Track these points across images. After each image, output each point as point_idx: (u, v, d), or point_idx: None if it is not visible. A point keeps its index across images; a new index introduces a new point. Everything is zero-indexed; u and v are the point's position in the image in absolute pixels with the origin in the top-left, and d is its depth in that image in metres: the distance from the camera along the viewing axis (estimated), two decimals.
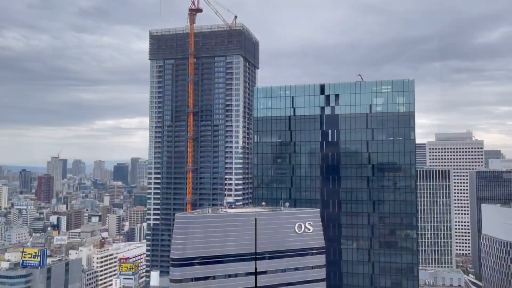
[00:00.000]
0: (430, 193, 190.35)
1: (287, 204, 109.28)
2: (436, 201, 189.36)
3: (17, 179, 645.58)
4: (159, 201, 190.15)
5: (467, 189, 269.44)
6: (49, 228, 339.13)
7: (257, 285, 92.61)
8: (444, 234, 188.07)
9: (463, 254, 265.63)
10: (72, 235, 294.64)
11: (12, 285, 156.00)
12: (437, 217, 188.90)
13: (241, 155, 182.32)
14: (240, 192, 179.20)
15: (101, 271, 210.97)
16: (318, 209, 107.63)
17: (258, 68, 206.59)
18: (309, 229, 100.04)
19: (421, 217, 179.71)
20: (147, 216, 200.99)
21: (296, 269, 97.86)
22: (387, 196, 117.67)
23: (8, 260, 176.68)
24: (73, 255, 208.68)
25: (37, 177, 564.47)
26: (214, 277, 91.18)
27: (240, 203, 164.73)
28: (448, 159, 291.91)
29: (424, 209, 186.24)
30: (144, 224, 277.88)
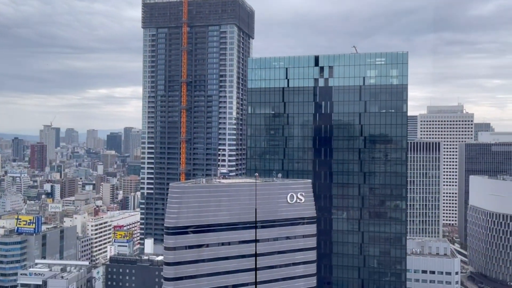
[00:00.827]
0: (420, 165, 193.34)
1: (279, 175, 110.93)
2: (426, 173, 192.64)
3: (10, 147, 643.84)
4: (152, 171, 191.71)
5: (456, 161, 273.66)
6: (43, 196, 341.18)
7: (249, 254, 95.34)
8: (432, 205, 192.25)
9: (449, 224, 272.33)
10: (66, 203, 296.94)
11: (7, 251, 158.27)
12: (426, 189, 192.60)
13: (234, 126, 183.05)
14: (233, 163, 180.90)
15: (96, 238, 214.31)
16: (310, 180, 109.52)
17: (253, 38, 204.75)
18: (301, 200, 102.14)
19: (410, 188, 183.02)
20: (141, 185, 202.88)
21: (287, 237, 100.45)
22: (378, 168, 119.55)
23: (3, 227, 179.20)
24: (67, 222, 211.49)
25: (30, 145, 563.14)
26: (207, 245, 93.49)
27: (234, 173, 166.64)
28: (438, 131, 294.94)
29: (413, 180, 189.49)
30: (138, 193, 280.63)
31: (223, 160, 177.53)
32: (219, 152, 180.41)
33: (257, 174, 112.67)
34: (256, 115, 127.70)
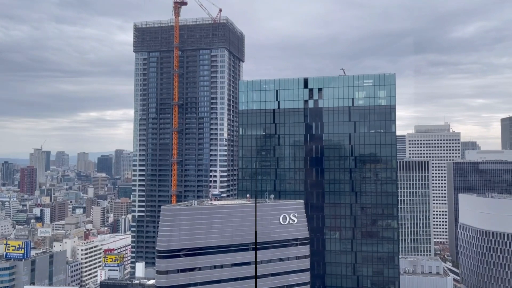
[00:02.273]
0: (409, 184, 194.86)
1: (271, 196, 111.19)
2: (415, 192, 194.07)
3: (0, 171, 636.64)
4: (144, 193, 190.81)
5: (445, 180, 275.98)
6: (32, 220, 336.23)
7: (242, 276, 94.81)
8: (422, 223, 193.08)
9: (441, 242, 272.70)
10: (56, 227, 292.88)
11: None
12: (416, 207, 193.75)
13: (225, 148, 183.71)
14: (225, 184, 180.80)
15: (86, 262, 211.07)
16: (302, 201, 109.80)
17: (243, 61, 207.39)
18: (294, 221, 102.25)
19: (400, 207, 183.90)
20: (132, 208, 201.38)
21: (281, 259, 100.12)
22: (369, 187, 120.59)
23: None
24: (57, 247, 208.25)
25: (20, 169, 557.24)
26: (199, 268, 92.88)
27: (225, 195, 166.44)
28: (426, 150, 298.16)
29: (403, 199, 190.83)
30: (129, 216, 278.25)
31: (215, 182, 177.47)
32: (211, 174, 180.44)
33: (248, 195, 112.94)
34: (248, 136, 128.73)
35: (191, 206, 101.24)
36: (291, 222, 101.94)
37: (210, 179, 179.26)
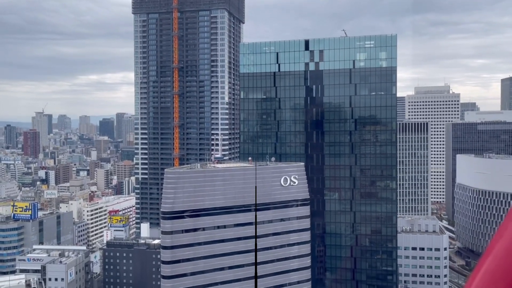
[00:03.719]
0: (408, 145, 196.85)
1: (273, 158, 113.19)
2: (414, 153, 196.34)
3: (2, 134, 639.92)
4: (146, 156, 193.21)
5: (443, 141, 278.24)
6: (38, 183, 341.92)
7: (244, 236, 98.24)
8: (420, 184, 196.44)
9: (437, 202, 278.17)
10: (61, 189, 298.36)
11: (4, 237, 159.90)
12: (414, 168, 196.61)
13: (227, 111, 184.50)
14: (227, 147, 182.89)
15: (92, 223, 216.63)
16: (303, 163, 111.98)
17: (243, 23, 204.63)
18: (294, 182, 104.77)
19: (399, 168, 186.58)
20: (135, 170, 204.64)
21: (282, 219, 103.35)
22: (369, 149, 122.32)
23: (0, 214, 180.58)
24: (63, 208, 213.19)
25: (23, 132, 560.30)
26: (203, 229, 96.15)
27: (227, 158, 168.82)
28: (426, 112, 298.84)
29: (402, 160, 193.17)
30: (132, 178, 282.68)
31: (217, 145, 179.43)
32: (212, 137, 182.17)
33: (250, 158, 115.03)
34: (249, 100, 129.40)
35: (194, 169, 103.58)
36: (291, 184, 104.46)
37: (212, 142, 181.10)
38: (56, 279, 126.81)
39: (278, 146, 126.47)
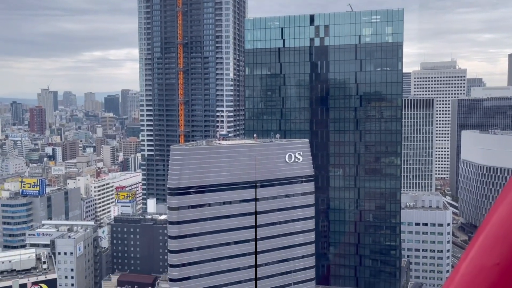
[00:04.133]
0: (413, 121, 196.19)
1: (277, 135, 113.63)
2: (419, 129, 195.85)
3: (9, 111, 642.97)
4: (152, 133, 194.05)
5: (449, 117, 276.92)
6: (45, 159, 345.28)
7: (250, 212, 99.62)
8: (425, 160, 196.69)
9: (441, 178, 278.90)
10: (68, 165, 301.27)
11: (14, 213, 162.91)
12: (419, 144, 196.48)
13: (232, 88, 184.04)
14: (232, 124, 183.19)
15: (99, 199, 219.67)
16: (307, 140, 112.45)
17: None
18: (299, 159, 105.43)
19: (404, 145, 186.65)
20: (141, 147, 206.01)
21: (286, 196, 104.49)
22: (373, 125, 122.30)
23: (8, 190, 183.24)
24: (71, 184, 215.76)
25: (29, 109, 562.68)
26: (209, 205, 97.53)
27: (232, 135, 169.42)
28: (432, 88, 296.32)
29: (407, 136, 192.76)
30: (138, 155, 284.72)
31: (222, 122, 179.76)
32: (218, 114, 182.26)
33: (255, 135, 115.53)
34: (254, 76, 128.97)
35: (200, 146, 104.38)
36: (296, 160, 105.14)
37: (217, 119, 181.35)
38: (65, 253, 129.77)
39: (282, 123, 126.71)
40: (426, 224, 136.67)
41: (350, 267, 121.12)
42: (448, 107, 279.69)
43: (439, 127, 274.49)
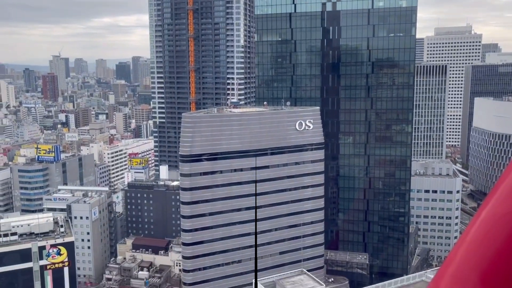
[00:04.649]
0: (425, 88, 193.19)
1: (288, 103, 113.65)
2: (431, 96, 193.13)
3: (22, 78, 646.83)
4: (163, 100, 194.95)
5: (462, 84, 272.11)
6: (59, 126, 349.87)
7: (260, 179, 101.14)
8: (436, 127, 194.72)
9: (452, 145, 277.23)
10: (81, 132, 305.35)
11: (31, 178, 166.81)
12: (430, 112, 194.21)
13: (242, 55, 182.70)
14: (242, 92, 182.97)
15: (113, 165, 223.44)
16: (318, 107, 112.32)
17: None
18: (309, 126, 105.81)
19: (415, 112, 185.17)
20: (153, 114, 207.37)
21: (296, 163, 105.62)
22: (385, 92, 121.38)
23: (24, 156, 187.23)
24: (84, 151, 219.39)
25: (41, 76, 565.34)
26: (221, 172, 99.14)
27: (243, 102, 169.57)
28: (445, 53, 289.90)
29: (419, 104, 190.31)
30: (150, 122, 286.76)
31: (232, 89, 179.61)
32: (228, 81, 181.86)
33: (265, 103, 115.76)
34: (264, 42, 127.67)
35: (211, 114, 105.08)
36: (306, 128, 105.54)
37: (228, 86, 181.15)
38: (81, 218, 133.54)
39: (293, 90, 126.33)
40: (435, 192, 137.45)
41: (359, 233, 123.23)
42: (462, 74, 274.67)
43: (452, 94, 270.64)
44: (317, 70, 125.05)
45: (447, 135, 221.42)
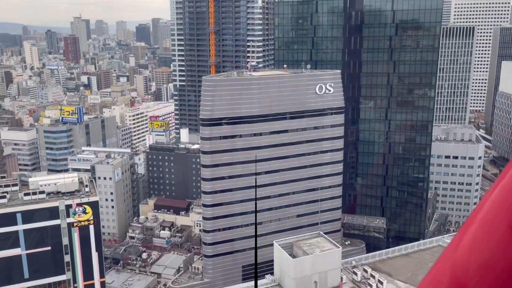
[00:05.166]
0: (451, 51, 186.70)
1: (308, 66, 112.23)
2: (457, 60, 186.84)
3: (44, 40, 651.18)
4: (183, 63, 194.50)
5: (489, 47, 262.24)
6: (81, 88, 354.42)
7: (280, 143, 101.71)
8: (460, 92, 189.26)
9: (476, 111, 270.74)
10: (103, 94, 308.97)
11: (55, 139, 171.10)
12: (455, 75, 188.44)
13: (261, 16, 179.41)
14: (261, 54, 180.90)
15: (134, 128, 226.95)
16: (339, 71, 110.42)
17: None
18: (330, 90, 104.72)
19: (439, 76, 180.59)
20: (173, 77, 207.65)
21: (315, 128, 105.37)
22: (409, 56, 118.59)
23: (49, 117, 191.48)
24: (106, 113, 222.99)
25: (63, 37, 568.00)
26: (240, 136, 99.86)
27: (262, 65, 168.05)
28: (473, 15, 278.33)
29: (443, 67, 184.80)
30: (170, 85, 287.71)
31: (252, 52, 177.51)
32: (248, 44, 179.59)
33: (285, 66, 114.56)
34: (284, 3, 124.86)
35: (231, 77, 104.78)
36: (327, 92, 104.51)
37: (248, 49, 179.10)
38: (104, 178, 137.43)
39: (314, 53, 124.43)
40: (456, 157, 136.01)
41: (377, 198, 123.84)
42: (490, 36, 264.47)
43: (478, 57, 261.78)
44: (339, 32, 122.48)
45: (471, 99, 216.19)
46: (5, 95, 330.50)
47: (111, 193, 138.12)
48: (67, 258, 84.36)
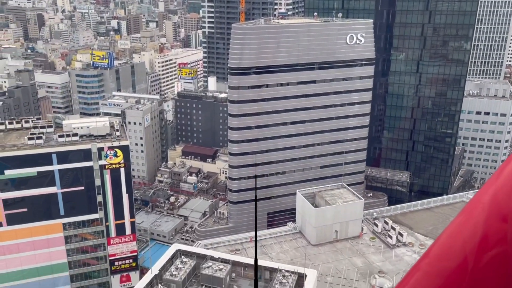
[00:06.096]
0: (491, 1, 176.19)
1: (339, 14, 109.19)
2: (497, 11, 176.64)
3: None
4: (212, 9, 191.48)
5: None
6: (111, 32, 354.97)
7: (306, 94, 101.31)
8: (497, 45, 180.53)
9: None
10: (132, 39, 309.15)
11: (87, 83, 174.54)
12: (493, 28, 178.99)
13: None
14: (291, 1, 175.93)
15: (163, 74, 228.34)
16: (371, 20, 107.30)
17: None
18: (361, 41, 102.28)
19: (476, 28, 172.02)
20: (202, 24, 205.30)
21: (344, 79, 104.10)
22: (446, 5, 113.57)
23: (81, 61, 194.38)
24: (136, 59, 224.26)
25: None
26: (267, 85, 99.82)
27: (291, 13, 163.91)
28: None
29: (481, 19, 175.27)
30: (199, 32, 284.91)
31: None
32: None
33: (315, 14, 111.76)
34: None
35: (259, 25, 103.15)
36: (357, 42, 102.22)
37: None
38: (134, 123, 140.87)
39: (345, 1, 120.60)
40: (487, 114, 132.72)
41: (402, 152, 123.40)
42: None
43: None
44: None
45: (508, 54, 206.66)
46: (38, 38, 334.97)
47: (141, 138, 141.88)
48: (99, 198, 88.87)
